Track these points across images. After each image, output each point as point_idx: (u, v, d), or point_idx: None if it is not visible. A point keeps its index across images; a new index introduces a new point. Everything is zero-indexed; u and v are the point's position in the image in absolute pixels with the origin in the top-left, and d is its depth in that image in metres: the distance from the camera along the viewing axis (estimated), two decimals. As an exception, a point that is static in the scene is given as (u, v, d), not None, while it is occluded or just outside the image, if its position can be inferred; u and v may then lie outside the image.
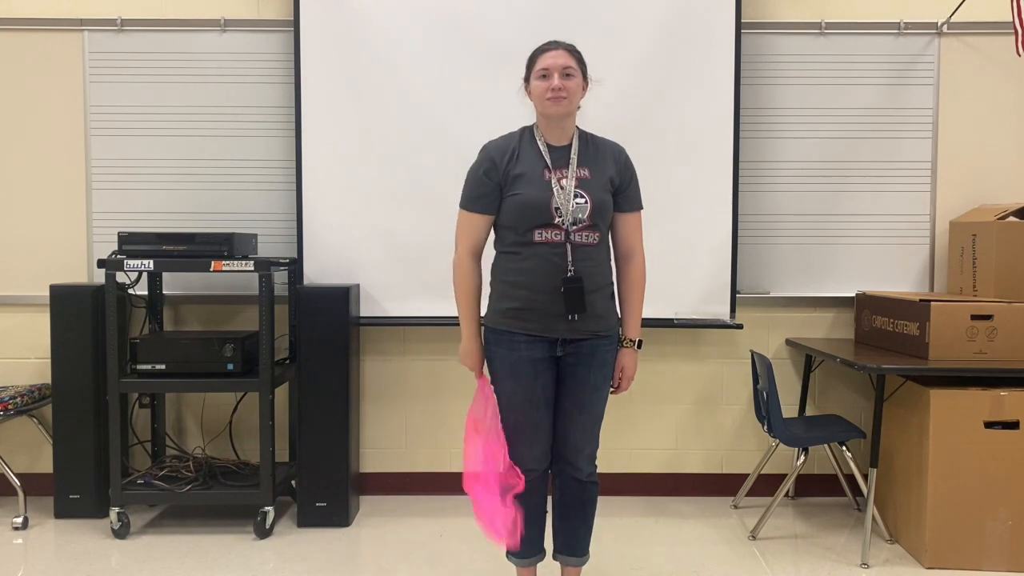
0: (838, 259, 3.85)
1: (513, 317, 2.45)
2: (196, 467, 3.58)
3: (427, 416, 3.93)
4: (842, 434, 3.39)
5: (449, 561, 3.18)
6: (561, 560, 2.66)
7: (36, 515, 3.62)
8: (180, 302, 3.88)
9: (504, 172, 2.43)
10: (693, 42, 3.66)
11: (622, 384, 2.56)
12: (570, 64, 2.41)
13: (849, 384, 3.92)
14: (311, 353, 3.47)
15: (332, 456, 3.49)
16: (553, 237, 2.40)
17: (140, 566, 3.11)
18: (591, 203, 2.42)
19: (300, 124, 3.69)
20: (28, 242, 3.85)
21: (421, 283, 3.73)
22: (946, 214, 3.84)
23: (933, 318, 3.15)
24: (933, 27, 3.79)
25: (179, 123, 3.80)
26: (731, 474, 3.93)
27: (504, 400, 2.49)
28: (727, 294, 3.73)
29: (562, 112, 2.42)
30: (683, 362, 3.92)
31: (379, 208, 3.72)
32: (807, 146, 3.82)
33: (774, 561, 3.19)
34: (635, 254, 2.55)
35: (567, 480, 2.58)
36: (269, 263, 3.37)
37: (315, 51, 3.68)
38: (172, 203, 3.82)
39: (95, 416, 3.56)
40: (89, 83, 3.79)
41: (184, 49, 3.78)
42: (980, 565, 3.09)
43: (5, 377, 3.86)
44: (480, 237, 2.50)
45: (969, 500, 3.07)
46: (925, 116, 3.81)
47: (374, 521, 3.60)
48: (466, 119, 3.67)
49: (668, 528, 3.54)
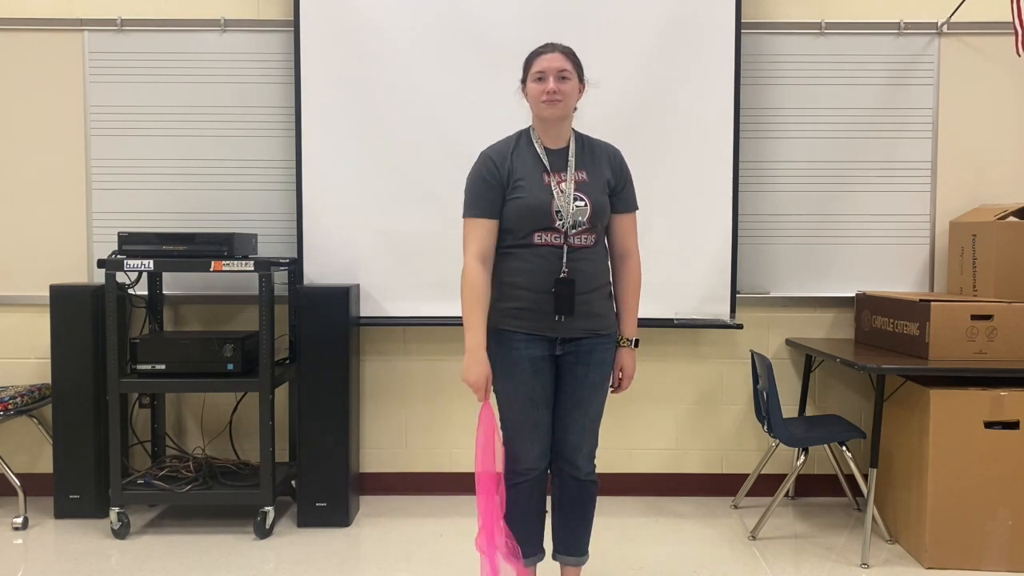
0: (838, 259, 3.85)
1: (512, 316, 2.45)
2: (196, 467, 3.58)
3: (427, 416, 3.93)
4: (842, 434, 3.39)
5: (449, 561, 3.18)
6: (561, 560, 2.66)
7: (36, 515, 3.62)
8: (180, 302, 3.88)
9: (505, 175, 2.43)
10: (693, 42, 3.66)
11: (622, 383, 2.57)
12: (566, 67, 2.42)
13: (849, 384, 3.92)
14: (311, 353, 3.47)
15: (332, 456, 3.49)
16: (552, 240, 2.41)
17: (140, 566, 3.11)
18: (590, 206, 2.42)
19: (300, 124, 3.69)
20: (28, 242, 3.85)
21: (421, 283, 3.73)
22: (946, 214, 3.84)
23: (933, 318, 3.15)
24: (933, 27, 3.79)
25: (179, 123, 3.80)
26: (731, 474, 3.93)
27: (504, 399, 2.49)
28: (727, 294, 3.73)
29: (557, 115, 2.42)
30: (683, 362, 3.92)
31: (379, 208, 3.72)
32: (807, 146, 3.82)
33: (774, 561, 3.19)
34: (631, 254, 2.55)
35: (566, 479, 2.58)
36: (269, 263, 3.38)
37: (315, 51, 3.68)
38: (172, 203, 3.82)
39: (95, 416, 3.56)
40: (89, 83, 3.79)
41: (184, 49, 3.78)
42: (980, 565, 3.09)
43: (5, 377, 3.87)
44: (488, 243, 2.44)
45: (969, 500, 3.07)
46: (925, 116, 3.81)
47: (374, 521, 3.60)
48: (466, 118, 3.67)
49: (668, 528, 3.54)
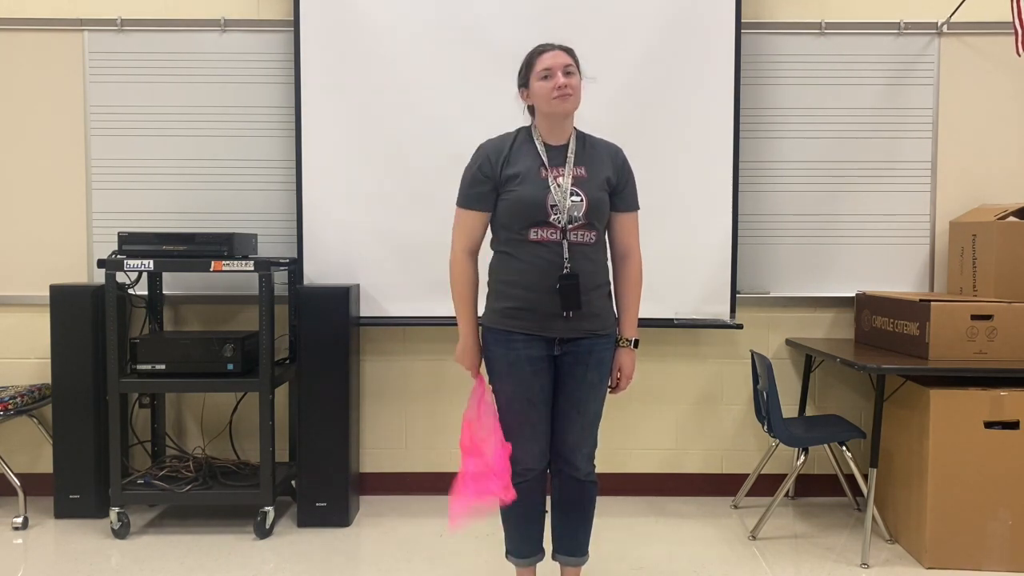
0: (838, 259, 3.85)
1: (510, 316, 2.45)
2: (196, 467, 3.58)
3: (427, 416, 3.93)
4: (842, 434, 3.39)
5: (449, 561, 3.18)
6: (560, 560, 2.66)
7: (36, 515, 3.62)
8: (180, 302, 3.88)
9: (500, 170, 2.44)
10: (693, 42, 3.66)
11: (621, 383, 2.57)
12: (569, 62, 2.44)
13: (849, 384, 3.92)
14: (311, 353, 3.47)
15: (332, 456, 3.49)
16: (549, 236, 2.40)
17: (140, 566, 3.11)
18: (587, 201, 2.42)
19: (300, 124, 3.69)
20: (28, 242, 3.85)
21: (421, 283, 3.73)
22: (946, 214, 3.84)
23: (933, 318, 3.15)
24: (933, 27, 3.79)
25: (179, 123, 3.80)
26: (731, 474, 3.93)
27: (502, 399, 2.49)
28: (727, 294, 3.73)
29: (570, 108, 2.44)
30: (683, 362, 3.92)
31: (379, 208, 3.72)
32: (807, 146, 3.82)
33: (774, 561, 3.19)
34: (631, 254, 2.55)
35: (566, 479, 2.58)
36: (269, 263, 3.38)
37: (315, 51, 3.68)
38: (172, 203, 3.82)
39: (95, 416, 3.56)
40: (89, 83, 3.79)
41: (184, 49, 3.78)
42: (980, 565, 3.09)
43: (5, 377, 3.87)
44: (477, 235, 2.51)
45: (969, 500, 3.07)
46: (925, 116, 3.81)
47: (374, 521, 3.60)
48: (466, 119, 3.67)
49: (668, 528, 3.54)
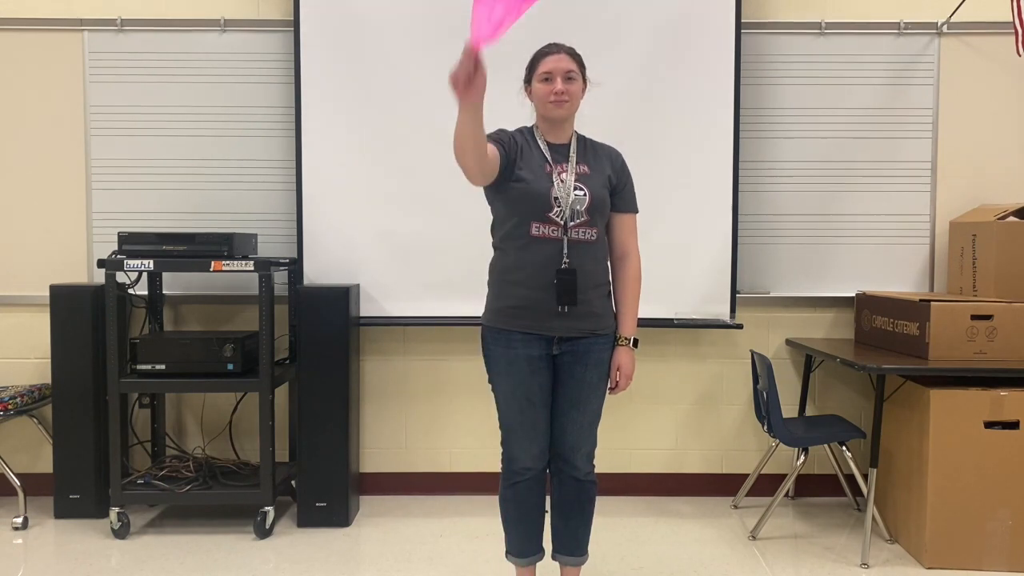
0: (838, 259, 3.85)
1: (509, 316, 2.45)
2: (196, 467, 3.58)
3: (427, 416, 3.93)
4: (842, 434, 3.39)
5: (449, 561, 3.18)
6: (560, 560, 2.66)
7: (36, 515, 3.62)
8: (180, 302, 3.88)
9: (516, 149, 2.43)
10: (693, 42, 3.66)
11: (620, 383, 2.56)
12: (572, 68, 2.44)
13: (849, 384, 3.92)
14: (311, 353, 3.47)
15: (332, 456, 3.49)
16: (550, 232, 2.41)
17: (140, 566, 3.11)
18: (590, 196, 2.43)
19: (300, 124, 3.69)
20: (28, 242, 3.85)
21: (421, 283, 3.73)
22: (946, 214, 3.84)
23: (933, 318, 3.15)
24: (933, 27, 3.79)
25: (179, 123, 3.80)
26: (731, 474, 3.93)
27: (502, 398, 2.50)
28: (727, 294, 3.73)
29: (564, 115, 2.45)
30: (683, 362, 3.92)
31: (379, 208, 3.72)
32: (807, 146, 3.82)
33: (774, 561, 3.19)
34: (630, 255, 2.56)
35: (565, 479, 2.58)
36: (269, 263, 3.37)
37: (315, 51, 3.68)
38: (172, 203, 3.82)
39: (95, 416, 3.56)
40: (89, 83, 3.79)
41: (184, 49, 3.78)
42: (980, 565, 3.09)
43: (5, 377, 3.87)
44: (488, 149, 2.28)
45: (969, 500, 3.07)
46: (925, 116, 3.81)
47: (374, 521, 3.60)
48: (466, 119, 3.67)
49: (668, 528, 3.54)
